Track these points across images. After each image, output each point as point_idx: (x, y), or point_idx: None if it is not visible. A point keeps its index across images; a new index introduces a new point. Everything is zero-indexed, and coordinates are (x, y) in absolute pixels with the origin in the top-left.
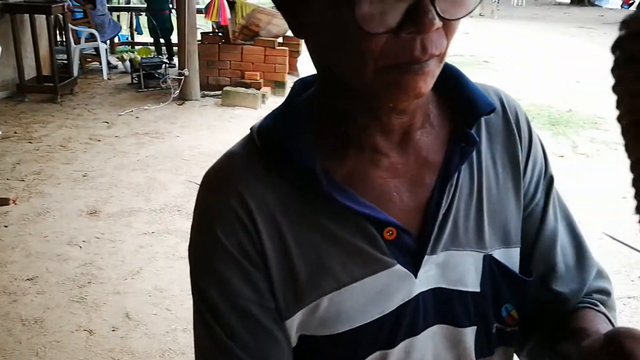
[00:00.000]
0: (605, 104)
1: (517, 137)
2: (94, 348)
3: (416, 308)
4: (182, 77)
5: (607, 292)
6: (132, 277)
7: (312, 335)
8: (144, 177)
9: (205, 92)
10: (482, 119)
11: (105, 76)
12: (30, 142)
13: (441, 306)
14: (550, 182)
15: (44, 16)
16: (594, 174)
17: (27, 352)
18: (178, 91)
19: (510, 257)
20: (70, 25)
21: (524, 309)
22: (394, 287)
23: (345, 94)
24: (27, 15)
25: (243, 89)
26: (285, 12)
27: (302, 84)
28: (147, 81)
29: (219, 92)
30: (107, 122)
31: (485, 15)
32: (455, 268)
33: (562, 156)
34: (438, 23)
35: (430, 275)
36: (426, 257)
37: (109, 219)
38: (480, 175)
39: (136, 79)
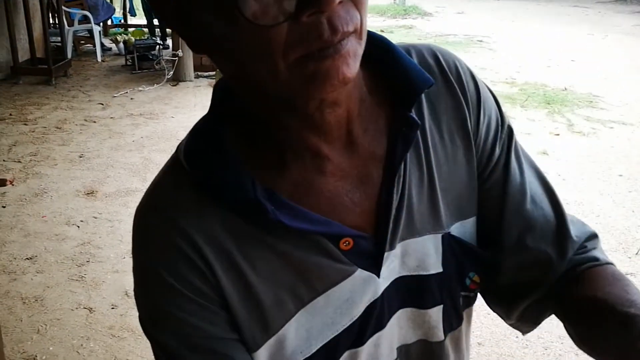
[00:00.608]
0: (600, 83)
1: (462, 98)
2: (94, 325)
3: (381, 305)
4: (176, 58)
5: (595, 235)
6: (130, 255)
7: None
8: (139, 157)
9: (199, 73)
10: None
11: (99, 58)
12: (25, 124)
13: (404, 293)
14: (509, 134)
15: None
16: (590, 152)
17: (28, 329)
18: (172, 72)
19: (467, 229)
20: (63, 7)
21: (486, 271)
22: (359, 291)
23: (268, 101)
24: None
25: None
26: (178, 31)
27: (224, 90)
28: (141, 63)
29: (213, 73)
30: (102, 104)
31: None
32: (414, 255)
33: (557, 134)
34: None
35: (391, 269)
36: (386, 254)
37: (106, 199)
38: (428, 155)
39: (130, 60)
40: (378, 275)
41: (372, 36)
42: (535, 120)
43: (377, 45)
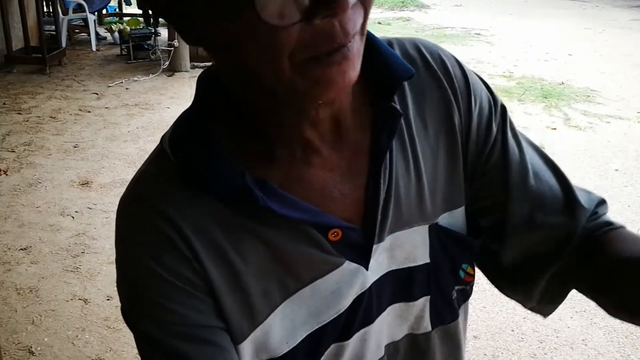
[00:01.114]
0: (597, 77)
1: (449, 88)
2: (90, 317)
3: (369, 298)
4: (172, 48)
5: (603, 201)
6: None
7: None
8: (134, 148)
9: (195, 64)
10: (405, 82)
11: (94, 47)
12: (19, 113)
13: (393, 288)
14: (503, 113)
15: None
16: (587, 146)
17: (23, 320)
18: (168, 62)
19: (456, 219)
20: None
21: (478, 261)
22: (346, 283)
23: (264, 97)
24: None
25: None
26: (172, 24)
27: (209, 78)
28: (136, 52)
29: (209, 63)
30: (97, 94)
31: None
32: (403, 247)
33: (554, 129)
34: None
35: (379, 262)
36: (374, 246)
37: (101, 189)
38: (414, 145)
39: (125, 50)
40: (366, 268)
41: None
42: (532, 114)
43: None
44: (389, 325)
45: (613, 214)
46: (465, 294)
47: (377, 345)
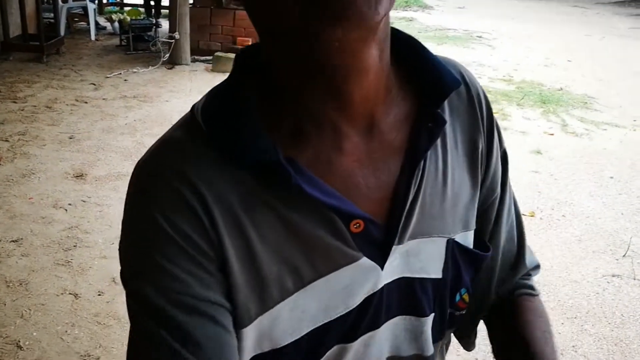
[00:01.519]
0: (595, 84)
1: (480, 118)
2: (80, 312)
3: (379, 301)
4: (173, 40)
5: (538, 266)
6: (118, 241)
7: (272, 350)
8: (131, 141)
9: (196, 57)
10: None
11: (93, 37)
12: (14, 102)
13: (404, 297)
14: (504, 157)
15: None
16: (583, 153)
17: (11, 313)
18: (168, 55)
19: (467, 239)
20: None
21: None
22: (359, 280)
23: (292, 63)
24: None
25: (234, 54)
26: None
27: (247, 55)
28: (136, 43)
29: (210, 57)
30: (95, 84)
31: None
32: (419, 256)
33: (552, 134)
34: None
35: (394, 265)
36: (394, 247)
37: (96, 182)
38: (446, 157)
39: (125, 40)
40: (382, 268)
41: (400, 34)
42: (530, 118)
43: (406, 42)
44: (396, 336)
45: (607, 222)
46: (453, 320)
47: (379, 353)
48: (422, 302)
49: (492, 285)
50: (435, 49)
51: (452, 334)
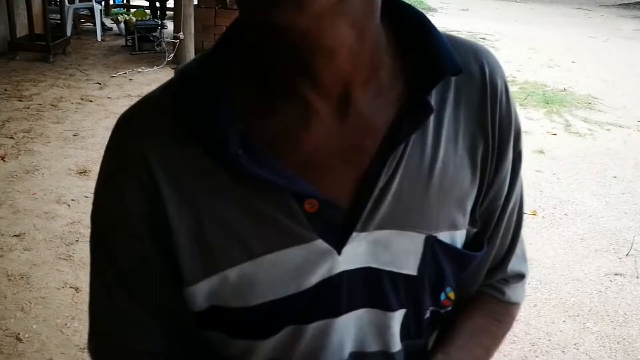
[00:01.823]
0: (599, 85)
1: (490, 115)
2: (80, 305)
3: (339, 287)
4: (177, 40)
5: (522, 276)
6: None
7: (225, 307)
8: None
9: None
10: (453, 80)
11: (99, 37)
12: (20, 100)
13: (370, 288)
14: (518, 158)
15: None
16: (586, 153)
17: (12, 306)
18: (172, 55)
19: (455, 239)
20: None
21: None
22: (312, 262)
23: (253, 27)
24: None
25: None
26: None
27: (237, 28)
28: (141, 44)
29: None
30: (100, 84)
31: None
32: (390, 248)
33: (555, 134)
34: None
35: (359, 253)
36: (355, 233)
37: None
38: (437, 148)
39: (130, 41)
40: (339, 253)
41: (409, 10)
42: (533, 119)
43: (412, 18)
44: (360, 329)
45: (610, 221)
46: (436, 318)
47: (339, 344)
48: (389, 296)
49: (477, 284)
50: None
51: None
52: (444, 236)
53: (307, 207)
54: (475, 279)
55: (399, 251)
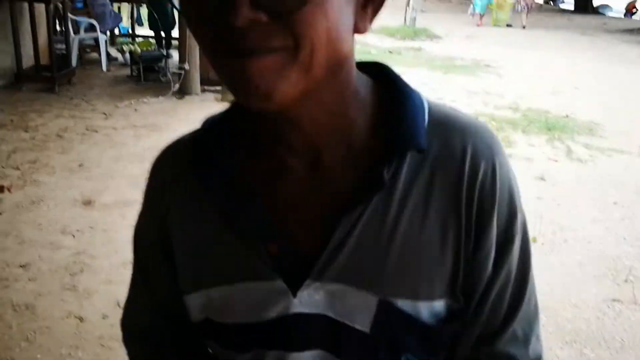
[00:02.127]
0: (601, 111)
1: (466, 196)
2: (84, 335)
3: (294, 327)
4: (183, 71)
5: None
6: (124, 266)
7: (214, 320)
8: (140, 169)
9: (206, 87)
10: (431, 156)
11: (104, 67)
12: (26, 131)
13: (327, 334)
14: (506, 243)
15: (43, 5)
16: (587, 179)
17: (17, 336)
18: (178, 85)
19: (418, 309)
20: (70, 15)
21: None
22: (271, 298)
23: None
24: (26, 4)
25: None
26: None
27: None
28: (146, 74)
29: (219, 88)
30: (105, 114)
31: (514, 26)
32: (344, 301)
33: (556, 161)
34: (253, 15)
35: (316, 300)
36: (308, 280)
37: (104, 209)
38: (399, 218)
39: (135, 71)
40: (294, 295)
41: (397, 84)
42: (535, 145)
43: (395, 91)
44: None
45: (609, 247)
46: None
47: None
48: (344, 345)
49: (461, 353)
50: (442, 78)
51: None
52: (403, 304)
53: (270, 249)
54: (459, 348)
55: (352, 306)
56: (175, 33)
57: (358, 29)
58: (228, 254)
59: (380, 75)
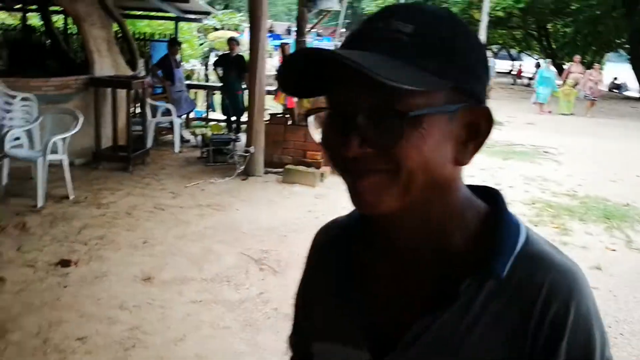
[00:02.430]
0: None
1: (532, 332)
2: None
3: None
4: (248, 154)
5: None
6: (175, 343)
7: None
8: (200, 247)
9: (269, 169)
10: (512, 283)
11: (177, 149)
12: (98, 208)
13: None
14: None
15: (125, 90)
16: None
17: None
18: (243, 167)
19: None
20: (149, 100)
21: None
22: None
23: None
24: (109, 89)
25: (303, 167)
26: None
27: None
28: (215, 156)
29: (281, 170)
30: (173, 193)
31: (577, 115)
32: None
33: (614, 250)
34: (361, 150)
35: None
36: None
37: (162, 285)
38: (469, 333)
39: (205, 153)
40: None
41: (502, 214)
42: (592, 234)
43: (499, 219)
44: None
45: None
46: None
47: None
48: None
49: None
50: (501, 163)
51: None
52: None
53: (362, 322)
54: None
55: None
56: (244, 118)
57: (458, 161)
58: (334, 319)
59: (490, 199)
